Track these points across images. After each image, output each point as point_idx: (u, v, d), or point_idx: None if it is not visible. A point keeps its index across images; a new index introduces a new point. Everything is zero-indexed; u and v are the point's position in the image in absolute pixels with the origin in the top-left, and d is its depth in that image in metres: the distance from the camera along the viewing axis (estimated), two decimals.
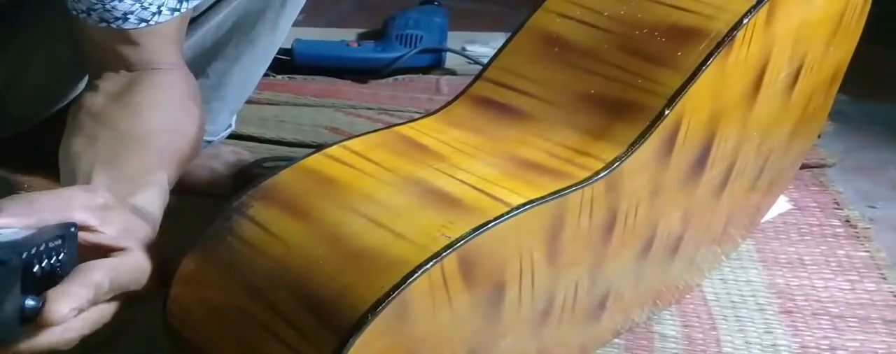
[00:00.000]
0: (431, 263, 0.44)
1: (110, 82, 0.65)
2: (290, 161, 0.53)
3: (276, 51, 0.88)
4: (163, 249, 0.51)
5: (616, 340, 0.72)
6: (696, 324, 0.75)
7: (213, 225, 0.51)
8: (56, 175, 0.60)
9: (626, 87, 0.56)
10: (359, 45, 1.28)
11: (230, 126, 0.95)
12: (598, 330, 0.67)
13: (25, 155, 0.82)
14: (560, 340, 0.62)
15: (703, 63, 0.55)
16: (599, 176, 0.52)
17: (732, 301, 0.78)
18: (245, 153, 0.96)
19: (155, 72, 0.65)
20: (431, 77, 1.27)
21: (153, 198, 0.56)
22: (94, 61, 0.67)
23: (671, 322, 0.75)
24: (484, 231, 0.46)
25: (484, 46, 1.31)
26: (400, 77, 1.25)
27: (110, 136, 0.60)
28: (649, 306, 0.73)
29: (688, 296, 0.78)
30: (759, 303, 0.78)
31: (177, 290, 0.51)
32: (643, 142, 0.54)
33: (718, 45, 0.55)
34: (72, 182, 0.56)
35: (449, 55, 1.28)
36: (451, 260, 0.45)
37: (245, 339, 0.48)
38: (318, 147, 0.55)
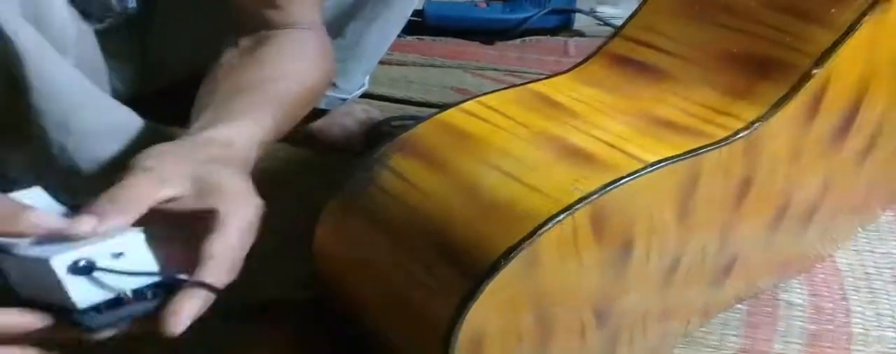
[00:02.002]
0: (563, 215, 0.45)
1: (248, 39, 0.68)
2: (417, 119, 0.55)
3: (410, 12, 0.89)
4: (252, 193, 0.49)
5: (739, 305, 0.70)
6: (826, 294, 0.72)
7: (356, 174, 0.53)
8: None
9: (772, 45, 0.53)
10: (488, 5, 1.28)
11: (363, 85, 0.98)
12: (721, 295, 0.66)
13: (174, 110, 0.87)
14: (682, 301, 0.61)
15: (858, 20, 0.52)
16: (738, 136, 0.51)
17: (867, 273, 0.75)
18: (375, 111, 0.99)
19: (291, 31, 0.68)
20: (559, 38, 1.25)
21: (242, 130, 0.54)
22: (238, 21, 0.71)
23: (799, 290, 0.73)
24: (617, 186, 0.46)
25: (614, 7, 1.28)
26: (527, 38, 1.24)
27: (229, 83, 0.62)
28: (777, 274, 0.71)
29: (819, 266, 0.75)
30: (895, 276, 0.74)
31: (320, 234, 0.54)
32: (787, 103, 0.52)
33: (876, 1, 0.52)
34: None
35: (578, 16, 1.26)
36: (582, 214, 0.46)
37: (384, 281, 0.50)
38: (444, 106, 0.56)
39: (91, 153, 0.66)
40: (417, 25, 1.23)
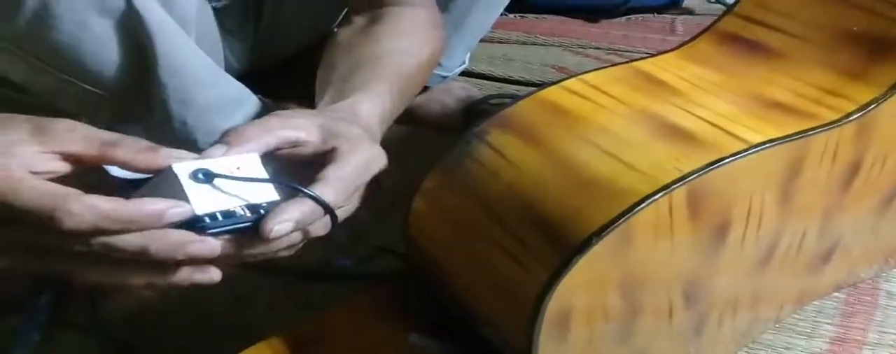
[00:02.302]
0: (660, 194, 0.43)
1: (362, 16, 0.69)
2: (516, 98, 0.53)
3: None
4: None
5: (836, 293, 0.66)
6: None
7: (455, 148, 0.52)
8: (307, 103, 0.65)
9: (893, 24, 0.49)
10: None
11: (464, 63, 0.97)
12: (818, 282, 0.63)
13: (284, 85, 0.89)
14: (777, 287, 0.58)
15: None
16: (850, 118, 0.47)
17: None
18: (474, 89, 0.98)
19: (404, 8, 0.68)
20: (667, 16, 1.20)
21: (364, 105, 0.55)
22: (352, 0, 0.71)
23: None
24: (717, 167, 0.44)
25: None
26: (633, 16, 1.20)
27: (348, 61, 0.63)
28: (879, 263, 0.67)
29: None
30: None
31: (418, 204, 0.54)
32: None
33: None
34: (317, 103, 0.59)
35: None
36: (679, 194, 0.44)
37: (476, 251, 0.49)
38: (545, 84, 0.54)
39: (209, 126, 0.69)
40: (521, 3, 1.21)
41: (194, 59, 0.65)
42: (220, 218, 0.41)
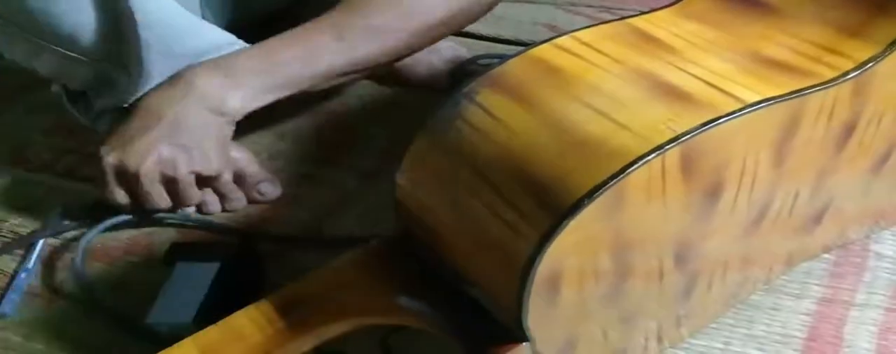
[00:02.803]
0: (653, 155, 0.42)
1: None
2: (505, 57, 0.52)
3: None
4: None
5: (825, 255, 0.66)
6: None
7: (443, 108, 0.51)
8: None
9: None
10: None
11: None
12: (809, 243, 0.62)
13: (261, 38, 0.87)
14: (767, 248, 0.58)
15: None
16: (848, 76, 0.46)
17: None
18: (462, 49, 0.95)
19: None
20: None
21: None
22: None
23: (892, 242, 0.67)
24: (712, 126, 0.43)
25: None
26: None
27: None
28: (870, 224, 0.66)
29: None
30: None
31: (406, 165, 0.53)
32: None
33: None
34: None
35: None
36: (672, 154, 0.43)
37: (467, 214, 0.48)
38: (536, 42, 0.53)
39: None
40: None
41: (171, 12, 0.64)
42: None
